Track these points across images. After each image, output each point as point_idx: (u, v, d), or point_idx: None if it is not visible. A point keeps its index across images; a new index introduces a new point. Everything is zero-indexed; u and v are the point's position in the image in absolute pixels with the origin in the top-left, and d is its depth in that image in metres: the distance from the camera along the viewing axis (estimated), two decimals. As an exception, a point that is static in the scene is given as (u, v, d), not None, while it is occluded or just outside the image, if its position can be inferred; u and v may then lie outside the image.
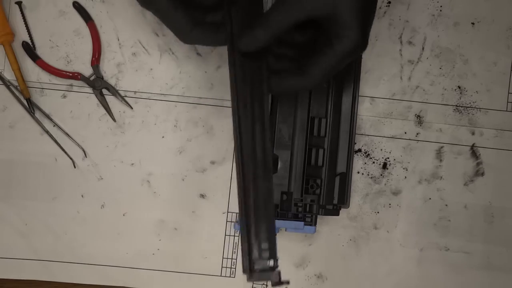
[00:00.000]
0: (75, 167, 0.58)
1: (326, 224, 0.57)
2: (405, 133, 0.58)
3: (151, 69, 0.58)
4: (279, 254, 0.57)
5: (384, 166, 0.57)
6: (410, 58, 0.58)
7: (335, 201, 0.54)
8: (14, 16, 0.58)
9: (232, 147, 0.57)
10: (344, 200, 0.54)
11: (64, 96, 0.58)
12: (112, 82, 0.57)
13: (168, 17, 0.46)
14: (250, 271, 0.41)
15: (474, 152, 0.57)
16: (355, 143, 0.57)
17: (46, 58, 0.57)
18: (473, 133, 0.57)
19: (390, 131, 0.57)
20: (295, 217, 0.54)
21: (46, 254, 0.58)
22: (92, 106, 0.58)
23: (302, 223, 0.53)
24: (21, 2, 0.57)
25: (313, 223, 0.54)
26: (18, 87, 0.57)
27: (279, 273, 0.41)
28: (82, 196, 0.58)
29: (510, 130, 0.57)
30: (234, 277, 0.57)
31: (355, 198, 0.57)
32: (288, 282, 0.41)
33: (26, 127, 0.57)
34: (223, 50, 0.57)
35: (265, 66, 0.46)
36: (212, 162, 0.57)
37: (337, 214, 0.54)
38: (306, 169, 0.53)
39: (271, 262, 0.42)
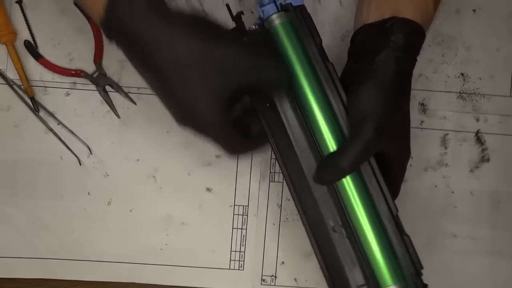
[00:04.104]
0: (80, 164, 0.58)
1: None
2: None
3: (154, 64, 0.57)
4: (287, 244, 0.57)
5: (389, 155, 0.58)
6: (413, 46, 0.57)
7: None
8: (15, 16, 0.57)
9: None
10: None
11: (68, 94, 0.58)
12: (115, 78, 0.57)
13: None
14: None
15: (479, 138, 0.58)
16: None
17: (49, 57, 0.57)
18: (477, 120, 0.57)
19: (394, 119, 0.58)
20: None
21: (54, 252, 0.58)
22: (96, 103, 0.58)
23: None
24: (21, 1, 0.57)
25: None
26: (22, 86, 0.57)
27: None
28: (88, 193, 0.58)
29: (514, 116, 0.58)
30: (243, 269, 0.58)
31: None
32: None
33: (31, 126, 0.58)
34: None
35: None
36: (218, 156, 0.57)
37: None
38: None
39: None
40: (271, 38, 0.47)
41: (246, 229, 0.57)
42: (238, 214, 0.58)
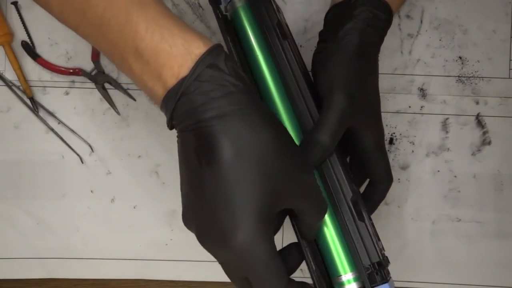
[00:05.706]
0: (82, 163, 0.58)
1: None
2: (410, 107, 0.58)
3: (152, 60, 0.57)
4: (292, 234, 0.57)
5: (391, 141, 0.58)
6: (410, 32, 0.58)
7: None
8: (11, 16, 0.57)
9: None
10: None
11: (67, 93, 0.58)
12: (113, 75, 0.57)
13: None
14: None
15: (479, 121, 0.58)
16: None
17: (46, 56, 0.57)
18: (477, 103, 0.57)
19: (394, 106, 0.58)
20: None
21: (58, 252, 0.58)
22: (95, 101, 0.57)
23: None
24: (16, 2, 0.57)
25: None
26: (20, 87, 0.57)
27: None
28: (91, 191, 0.58)
29: (514, 97, 0.58)
30: (249, 262, 0.57)
31: (364, 175, 0.57)
32: None
33: (31, 127, 0.57)
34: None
35: None
36: (219, 149, 0.57)
37: None
38: None
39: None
40: (232, 21, 0.48)
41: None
42: (242, 206, 0.57)
